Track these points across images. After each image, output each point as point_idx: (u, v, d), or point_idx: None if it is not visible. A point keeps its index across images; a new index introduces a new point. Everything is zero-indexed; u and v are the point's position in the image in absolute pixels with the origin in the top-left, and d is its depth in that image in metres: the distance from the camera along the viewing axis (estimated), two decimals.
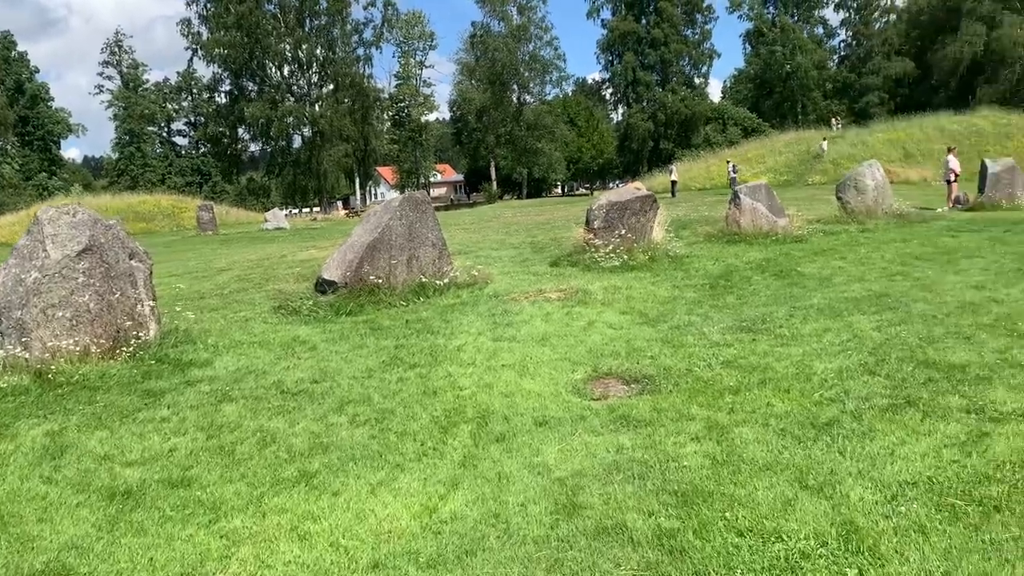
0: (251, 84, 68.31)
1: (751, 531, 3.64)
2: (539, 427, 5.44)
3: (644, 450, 4.82)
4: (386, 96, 77.44)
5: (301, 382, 6.88)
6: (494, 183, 75.44)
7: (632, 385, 6.34)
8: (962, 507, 3.61)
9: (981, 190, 19.39)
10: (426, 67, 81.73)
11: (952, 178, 21.32)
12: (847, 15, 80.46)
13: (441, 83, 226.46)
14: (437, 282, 10.72)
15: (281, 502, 4.49)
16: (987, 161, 19.76)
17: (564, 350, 7.50)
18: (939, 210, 19.22)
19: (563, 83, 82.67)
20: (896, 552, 3.30)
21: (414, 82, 78.96)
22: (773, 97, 78.86)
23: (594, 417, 5.54)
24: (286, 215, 43.01)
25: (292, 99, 67.80)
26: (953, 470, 4.04)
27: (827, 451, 4.50)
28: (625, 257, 12.26)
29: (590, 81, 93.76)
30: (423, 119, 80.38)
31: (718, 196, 30.80)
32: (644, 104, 79.70)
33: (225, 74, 67.88)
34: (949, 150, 23.15)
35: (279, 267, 15.23)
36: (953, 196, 20.71)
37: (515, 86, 76.36)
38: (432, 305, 9.90)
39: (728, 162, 40.27)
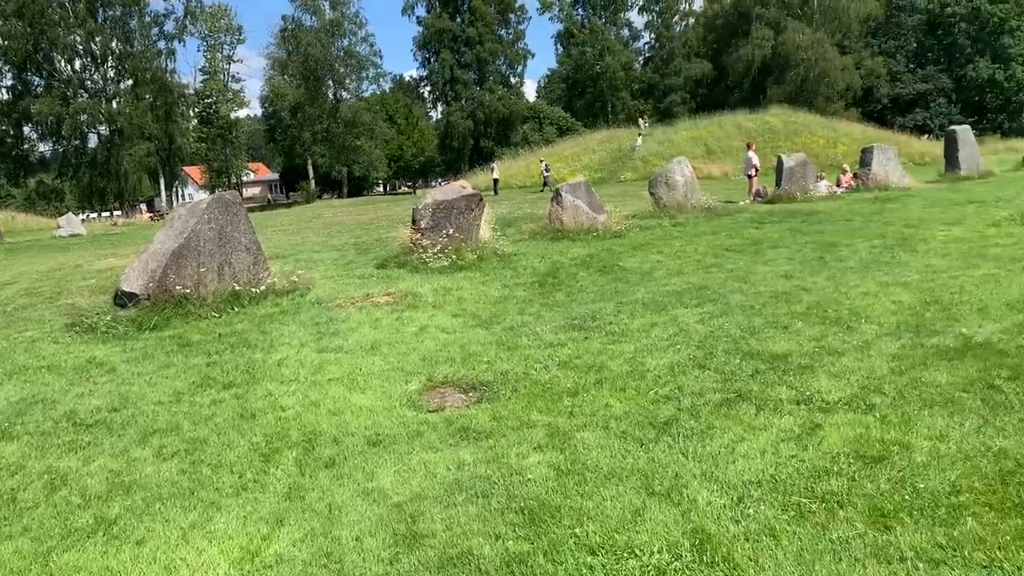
0: (37, 79, 62.01)
1: (603, 548, 3.47)
2: (373, 447, 5.05)
3: (486, 465, 4.57)
4: (192, 92, 72.92)
5: (98, 411, 6.08)
6: (312, 182, 73.05)
7: (470, 393, 6.08)
8: (807, 505, 3.63)
9: (778, 183, 20.80)
10: (234, 61, 77.91)
11: (752, 172, 22.76)
12: (650, 18, 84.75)
13: (251, 78, 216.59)
14: (253, 290, 9.98)
15: (73, 558, 3.85)
16: (782, 156, 21.24)
17: (396, 359, 7.13)
18: (742, 203, 20.45)
19: (380, 80, 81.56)
20: (751, 560, 3.23)
21: (222, 77, 74.96)
22: (585, 97, 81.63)
23: (432, 431, 5.22)
24: (82, 220, 39.26)
25: (86, 95, 62.15)
26: (793, 466, 4.08)
27: (669, 452, 4.44)
28: (454, 257, 12.02)
29: (408, 78, 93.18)
30: (233, 116, 76.50)
31: (539, 194, 31.36)
32: (463, 102, 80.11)
33: (7, 68, 61.18)
34: (748, 146, 24.71)
35: (73, 278, 13.71)
36: (754, 189, 22.11)
37: (331, 82, 74.37)
38: (248, 315, 9.19)
39: (541, 161, 41.16)
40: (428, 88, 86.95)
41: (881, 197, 18.05)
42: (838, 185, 22.12)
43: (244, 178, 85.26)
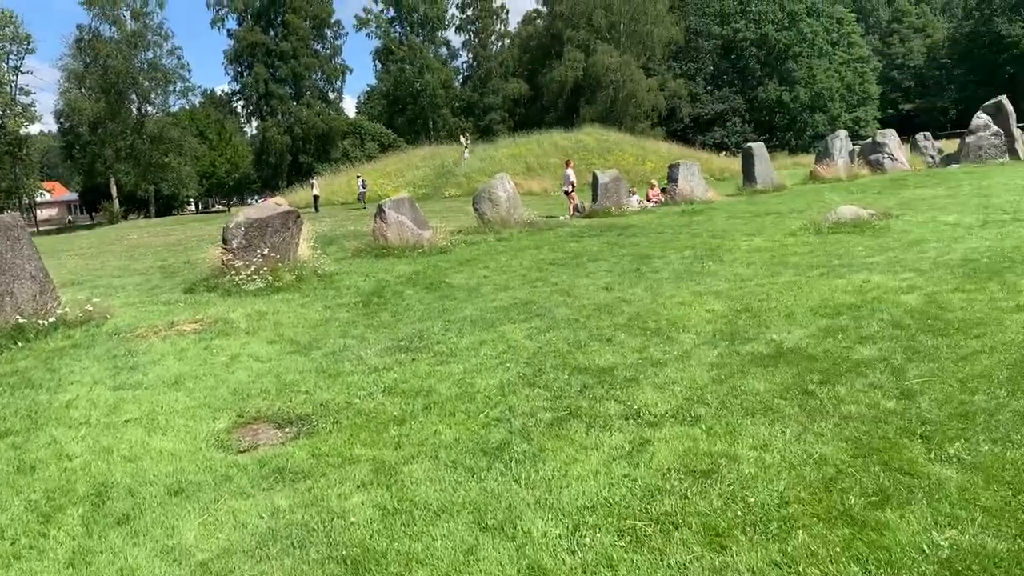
0: None
1: None
2: (174, 497, 4.49)
3: (304, 509, 4.15)
4: None
5: None
6: (116, 201, 67.70)
7: (286, 429, 5.59)
8: (643, 529, 3.52)
9: (594, 199, 21.45)
10: (23, 73, 70.67)
11: (570, 188, 23.40)
12: (468, 37, 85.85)
13: (44, 91, 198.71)
14: (40, 322, 8.91)
15: None
16: (597, 173, 21.93)
17: (203, 394, 6.50)
18: (562, 218, 20.91)
19: (190, 94, 77.18)
20: None
21: (8, 90, 67.99)
22: (406, 113, 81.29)
23: (242, 475, 4.73)
24: None
25: None
26: (626, 486, 3.98)
27: (502, 480, 4.23)
28: (270, 278, 11.35)
29: (220, 93, 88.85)
30: (22, 131, 69.53)
31: (363, 210, 30.69)
32: (279, 117, 77.34)
33: None
34: (566, 163, 25.39)
35: None
36: (572, 205, 22.71)
37: (134, 96, 69.35)
38: (34, 351, 8.16)
39: (358, 177, 40.34)
40: (241, 103, 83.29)
41: (688, 210, 19.01)
42: (648, 199, 23.14)
43: (38, 199, 77.82)
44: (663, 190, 23.18)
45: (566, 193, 23.69)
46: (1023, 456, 3.87)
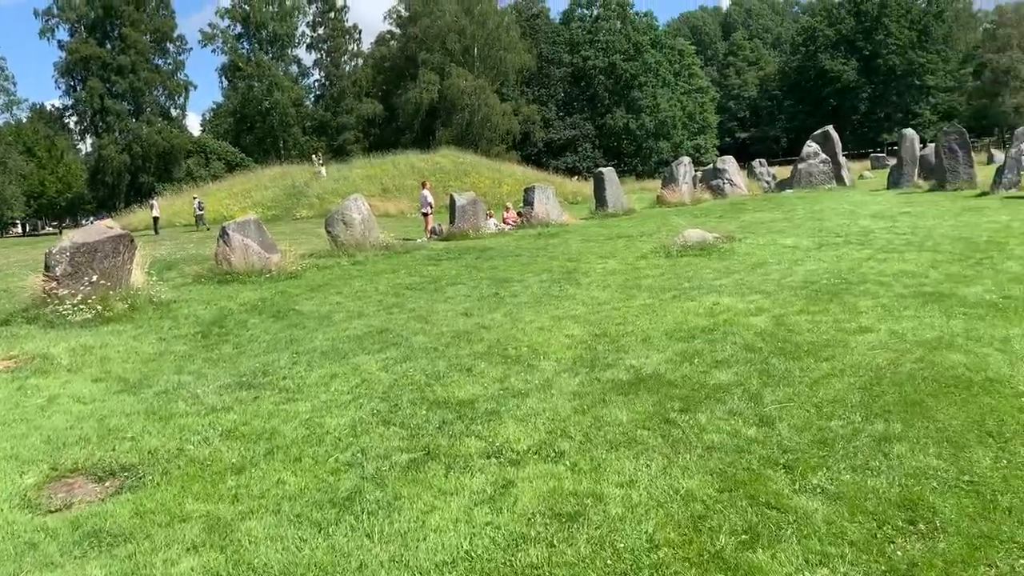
0: None
1: None
2: None
3: None
4: None
5: None
6: None
7: (107, 482, 4.93)
8: None
9: (452, 221, 21.28)
10: None
11: (428, 210, 23.13)
12: (320, 56, 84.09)
13: None
14: None
15: None
16: (454, 195, 21.79)
17: (10, 444, 5.69)
18: (419, 240, 20.58)
19: (14, 108, 71.35)
20: None
21: None
22: (255, 132, 78.49)
23: (51, 541, 4.09)
24: None
25: None
26: (489, 535, 3.68)
27: (352, 536, 3.83)
28: (99, 308, 10.37)
29: (51, 107, 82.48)
30: None
31: (206, 232, 29.12)
32: (117, 135, 72.61)
33: None
34: (423, 185, 25.13)
35: None
36: (430, 227, 22.43)
37: None
38: None
39: (195, 198, 38.29)
40: (75, 119, 77.69)
41: (544, 233, 19.16)
42: (505, 222, 23.23)
43: None
44: (519, 213, 23.32)
45: (424, 215, 23.41)
46: (883, 484, 3.90)
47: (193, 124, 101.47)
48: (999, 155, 41.15)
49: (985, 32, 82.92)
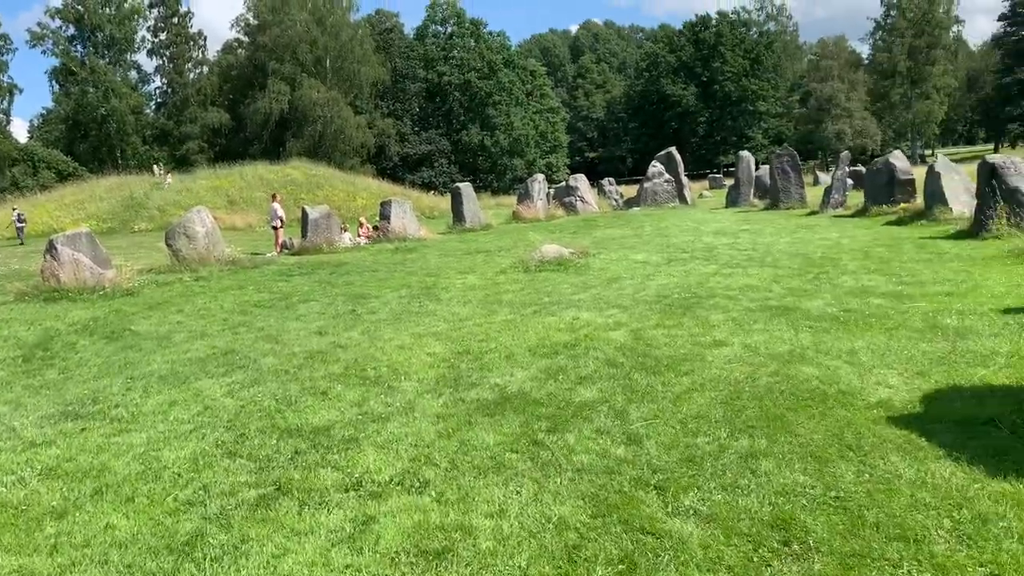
0: None
1: None
2: None
3: None
4: None
5: None
6: None
7: None
8: None
9: (304, 235, 20.53)
10: None
11: (278, 224, 22.22)
12: (161, 62, 79.76)
13: None
14: None
15: None
16: (307, 208, 21.05)
17: None
18: (269, 255, 19.71)
19: None
20: None
21: None
22: (89, 140, 73.30)
23: None
24: None
25: None
26: None
27: None
28: None
29: None
30: None
31: (28, 248, 26.68)
32: None
33: None
34: (273, 197, 24.14)
35: None
36: (280, 241, 21.55)
37: None
38: None
39: (14, 210, 35.04)
40: None
41: (402, 247, 18.81)
42: (360, 237, 22.67)
43: None
44: (375, 227, 22.83)
45: (274, 228, 22.48)
46: (755, 504, 3.88)
47: (20, 130, 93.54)
48: (824, 177, 44.64)
49: (810, 63, 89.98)
